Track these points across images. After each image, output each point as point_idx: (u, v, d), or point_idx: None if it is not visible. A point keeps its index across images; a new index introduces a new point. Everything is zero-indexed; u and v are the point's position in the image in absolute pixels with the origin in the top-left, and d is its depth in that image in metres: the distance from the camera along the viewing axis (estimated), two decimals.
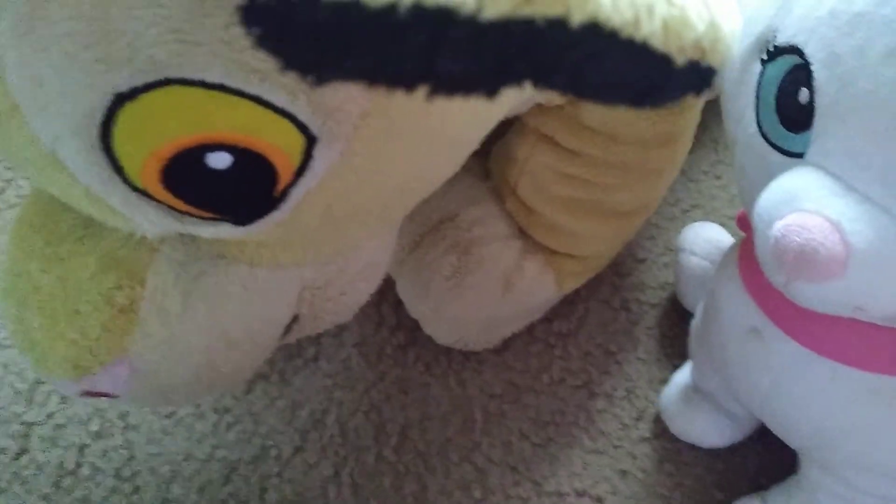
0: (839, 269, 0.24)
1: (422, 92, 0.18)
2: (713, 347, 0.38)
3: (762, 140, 0.28)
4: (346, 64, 0.17)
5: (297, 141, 0.23)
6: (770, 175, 0.27)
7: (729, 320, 0.35)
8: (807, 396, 0.33)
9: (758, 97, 0.28)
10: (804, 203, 0.25)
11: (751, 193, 0.28)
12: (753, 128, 0.29)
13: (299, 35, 0.17)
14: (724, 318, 0.36)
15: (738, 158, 0.31)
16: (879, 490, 0.34)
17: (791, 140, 0.27)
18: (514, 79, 0.19)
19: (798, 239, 0.24)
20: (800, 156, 0.27)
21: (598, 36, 0.19)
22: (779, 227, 0.25)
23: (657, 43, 0.20)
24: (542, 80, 0.19)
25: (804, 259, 0.24)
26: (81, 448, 0.45)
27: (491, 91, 0.18)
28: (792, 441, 0.37)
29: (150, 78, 0.21)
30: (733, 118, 0.31)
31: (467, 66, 0.18)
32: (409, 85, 0.18)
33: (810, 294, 0.26)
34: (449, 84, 0.18)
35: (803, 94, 0.26)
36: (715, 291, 0.37)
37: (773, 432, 0.38)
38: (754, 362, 0.34)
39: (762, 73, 0.28)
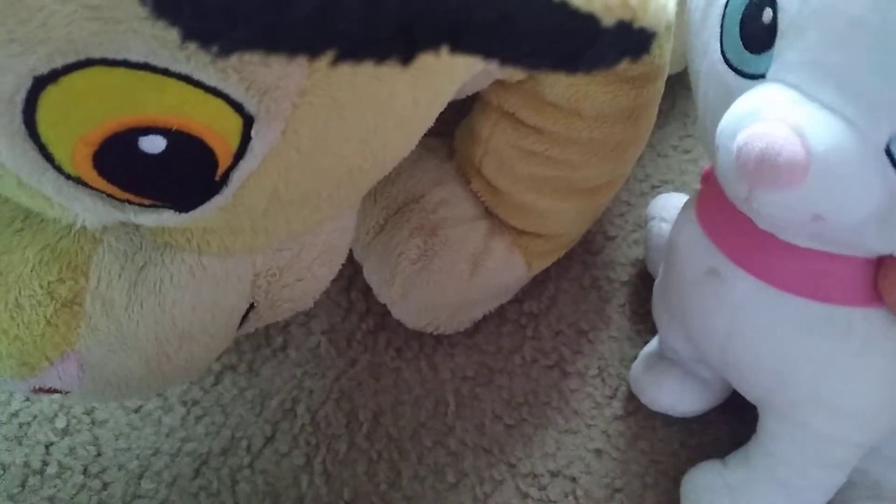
0: (801, 173, 0.25)
1: (327, 58, 0.17)
2: (672, 296, 0.38)
3: (726, 67, 0.29)
4: (241, 31, 0.17)
5: (233, 121, 0.23)
6: (732, 101, 0.28)
7: (687, 264, 0.36)
8: (762, 333, 0.34)
9: (722, 27, 0.29)
10: (766, 114, 0.26)
11: (713, 126, 0.29)
12: (717, 56, 0.29)
13: (191, 1, 0.16)
14: (683, 262, 0.36)
15: (701, 93, 0.32)
16: (834, 431, 0.35)
17: (754, 62, 0.28)
18: (427, 43, 0.18)
19: (760, 144, 0.25)
20: (762, 76, 0.27)
21: None
22: (741, 137, 0.25)
23: (579, 2, 0.20)
24: (457, 45, 0.18)
25: (766, 164, 0.25)
26: (47, 446, 0.44)
27: (405, 57, 0.18)
28: (750, 390, 0.37)
29: (71, 59, 0.20)
30: (698, 53, 0.31)
31: (369, 29, 0.17)
32: (311, 52, 0.18)
33: (771, 203, 0.26)
34: (355, 50, 0.17)
35: (767, 14, 0.27)
36: (674, 240, 0.37)
37: (734, 386, 0.38)
38: (711, 305, 0.35)
39: (727, 4, 0.29)
